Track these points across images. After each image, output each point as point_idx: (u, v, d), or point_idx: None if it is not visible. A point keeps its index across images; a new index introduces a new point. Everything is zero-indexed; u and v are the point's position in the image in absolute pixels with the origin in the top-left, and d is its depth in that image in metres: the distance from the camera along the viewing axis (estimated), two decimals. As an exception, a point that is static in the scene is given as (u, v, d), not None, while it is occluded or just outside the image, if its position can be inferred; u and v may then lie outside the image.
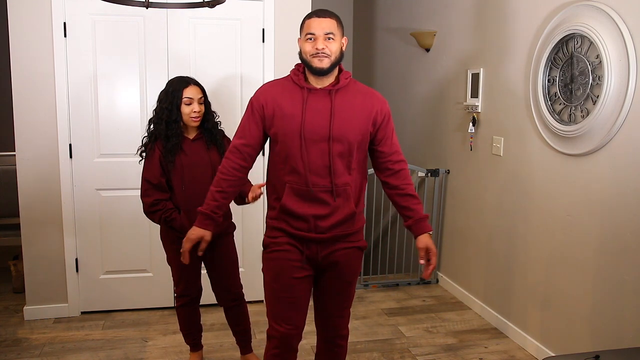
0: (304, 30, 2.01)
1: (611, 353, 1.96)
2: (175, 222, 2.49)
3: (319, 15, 1.99)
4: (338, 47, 2.00)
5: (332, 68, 2.00)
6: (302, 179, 2.02)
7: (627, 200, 2.43)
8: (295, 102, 2.01)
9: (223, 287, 2.69)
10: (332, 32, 1.97)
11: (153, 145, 2.48)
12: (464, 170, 3.78)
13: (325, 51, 1.96)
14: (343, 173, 2.04)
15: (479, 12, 3.52)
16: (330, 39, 1.98)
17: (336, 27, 2.00)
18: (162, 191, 2.48)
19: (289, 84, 2.06)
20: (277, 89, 2.07)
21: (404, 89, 4.73)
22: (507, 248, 3.29)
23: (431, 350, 3.11)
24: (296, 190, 2.04)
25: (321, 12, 2.01)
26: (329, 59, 1.97)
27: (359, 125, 2.03)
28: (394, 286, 4.09)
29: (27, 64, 3.19)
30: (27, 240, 3.35)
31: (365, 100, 2.06)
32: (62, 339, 3.17)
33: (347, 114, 2.02)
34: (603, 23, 2.46)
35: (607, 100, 2.45)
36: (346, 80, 2.06)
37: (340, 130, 2.00)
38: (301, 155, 2.00)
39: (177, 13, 3.31)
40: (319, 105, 2.01)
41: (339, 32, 2.01)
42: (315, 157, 2.00)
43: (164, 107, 2.45)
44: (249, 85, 3.47)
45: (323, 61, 1.97)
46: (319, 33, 1.97)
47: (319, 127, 1.99)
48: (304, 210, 2.04)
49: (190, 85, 2.48)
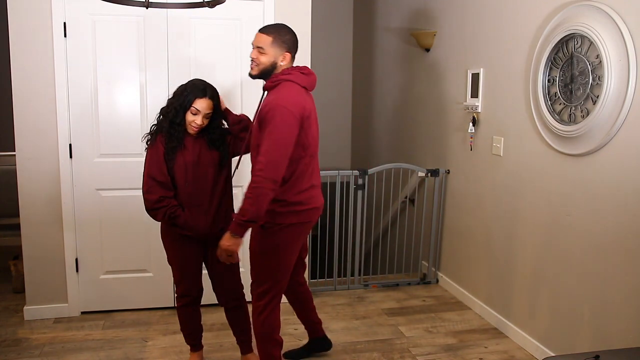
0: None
1: (611, 353, 1.97)
2: (179, 219, 2.49)
3: (260, 31, 2.36)
4: (268, 59, 2.33)
5: (262, 76, 2.38)
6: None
7: (627, 200, 2.43)
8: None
9: (224, 288, 2.69)
10: (263, 46, 2.32)
11: (156, 139, 2.48)
12: (464, 170, 3.78)
13: (254, 61, 2.36)
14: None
15: (479, 12, 3.52)
16: (261, 51, 2.33)
17: (270, 43, 2.32)
18: (166, 188, 2.48)
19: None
20: None
21: (404, 89, 4.74)
22: (507, 248, 3.29)
23: (431, 350, 3.11)
24: None
25: (264, 28, 2.36)
26: (257, 67, 2.36)
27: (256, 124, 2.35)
28: (394, 286, 4.09)
29: (27, 64, 3.19)
30: (27, 240, 3.35)
31: (268, 100, 2.31)
32: (62, 339, 3.17)
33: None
34: (603, 23, 2.46)
35: (607, 100, 2.45)
36: (273, 83, 2.35)
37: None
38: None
39: (177, 13, 3.31)
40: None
41: (273, 48, 2.33)
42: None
43: (173, 106, 2.46)
44: (248, 86, 3.47)
45: (252, 69, 2.38)
46: (254, 44, 2.36)
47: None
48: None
49: (205, 97, 2.46)
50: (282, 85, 2.32)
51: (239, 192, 3.53)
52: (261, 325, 2.47)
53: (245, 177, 3.52)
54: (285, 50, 2.35)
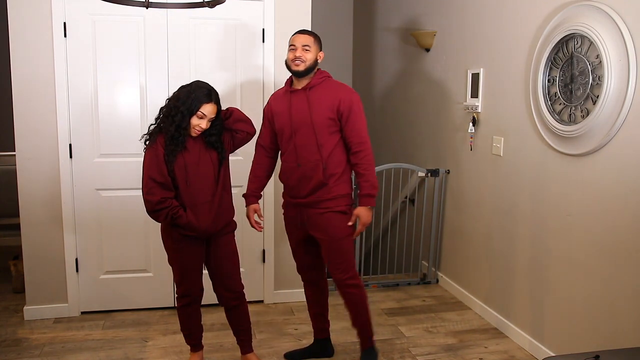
0: (290, 41, 2.63)
1: (611, 353, 1.96)
2: (181, 219, 2.48)
3: (301, 33, 2.63)
4: (313, 57, 2.59)
5: (306, 73, 2.60)
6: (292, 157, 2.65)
7: (627, 200, 2.43)
8: (284, 102, 2.67)
9: (224, 287, 2.69)
10: (309, 44, 2.58)
11: (155, 139, 2.47)
12: (464, 170, 3.78)
13: (301, 59, 2.56)
14: (313, 151, 2.59)
15: (479, 12, 3.52)
16: (306, 48, 2.57)
17: (313, 42, 2.60)
18: (167, 189, 2.47)
19: (282, 91, 2.74)
20: (274, 98, 2.77)
21: (404, 89, 4.73)
22: (507, 248, 3.29)
23: (431, 350, 3.11)
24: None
25: (303, 31, 2.65)
26: (304, 64, 2.57)
27: (324, 111, 2.57)
28: (394, 286, 4.09)
29: (27, 64, 3.19)
30: (27, 240, 3.35)
31: (332, 92, 2.60)
32: (62, 339, 3.18)
33: (317, 104, 2.58)
34: (603, 23, 2.46)
35: (607, 100, 2.45)
36: (320, 79, 2.63)
37: (309, 117, 2.58)
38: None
39: (177, 13, 3.31)
40: (298, 101, 2.62)
41: (315, 46, 2.61)
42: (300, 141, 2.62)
43: (180, 110, 2.43)
44: (248, 85, 3.47)
45: (299, 66, 2.57)
46: (298, 44, 2.58)
47: (298, 116, 2.61)
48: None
49: (211, 102, 2.46)
50: (330, 80, 2.66)
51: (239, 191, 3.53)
52: (367, 299, 2.75)
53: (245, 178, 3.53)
54: (320, 50, 2.66)
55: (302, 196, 2.65)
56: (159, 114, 2.53)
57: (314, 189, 2.61)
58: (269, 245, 3.67)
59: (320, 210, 2.62)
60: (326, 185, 2.60)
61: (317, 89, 2.62)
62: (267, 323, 3.43)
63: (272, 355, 3.02)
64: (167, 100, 2.53)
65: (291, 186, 2.69)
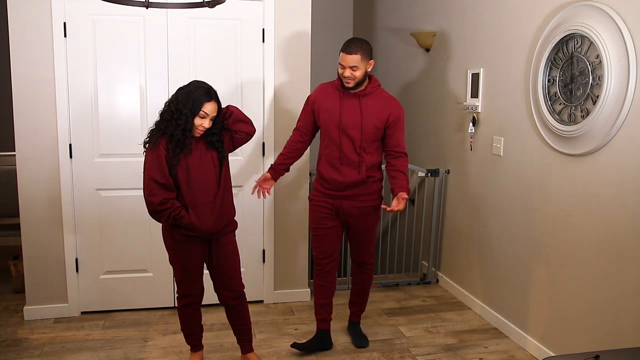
0: (339, 58, 2.78)
1: (611, 353, 1.96)
2: (184, 220, 2.48)
3: (348, 52, 2.73)
4: (362, 72, 2.77)
5: (357, 86, 2.81)
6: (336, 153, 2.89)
7: (627, 200, 2.43)
8: (334, 101, 2.87)
9: (225, 286, 2.69)
10: (356, 64, 2.74)
11: (158, 142, 2.46)
12: (464, 170, 3.78)
13: (350, 77, 2.76)
14: (357, 153, 2.85)
15: (479, 12, 3.52)
16: (354, 69, 2.75)
17: (359, 60, 2.73)
18: (169, 190, 2.46)
19: (332, 88, 2.91)
20: (323, 92, 2.94)
21: (404, 89, 4.74)
22: (507, 248, 3.29)
23: (431, 350, 3.11)
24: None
25: (349, 48, 2.73)
26: (353, 81, 2.78)
27: (374, 120, 2.82)
28: (394, 286, 4.09)
29: (27, 64, 3.19)
30: (27, 240, 3.35)
31: (383, 104, 2.84)
32: (62, 339, 3.18)
33: (368, 112, 2.82)
34: (603, 23, 2.46)
35: (607, 100, 2.45)
36: (372, 88, 2.85)
37: (360, 122, 2.82)
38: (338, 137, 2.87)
39: (177, 13, 3.31)
40: (350, 104, 2.84)
41: (363, 62, 2.75)
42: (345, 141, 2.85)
43: (183, 113, 2.42)
44: (249, 85, 3.47)
45: (349, 83, 2.79)
46: (346, 65, 2.75)
47: (349, 119, 2.83)
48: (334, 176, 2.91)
49: (211, 101, 2.46)
50: (381, 90, 2.89)
51: (239, 191, 3.54)
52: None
53: (245, 178, 3.53)
54: (370, 59, 2.80)
55: (341, 189, 2.89)
56: (160, 118, 2.51)
57: (354, 185, 2.87)
58: (269, 245, 3.67)
59: (359, 203, 2.91)
60: (365, 183, 2.88)
61: (370, 97, 2.84)
62: (267, 323, 3.43)
63: (272, 355, 3.03)
64: (167, 104, 2.50)
65: (331, 180, 2.89)
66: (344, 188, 2.88)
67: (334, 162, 2.87)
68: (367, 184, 2.89)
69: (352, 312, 3.24)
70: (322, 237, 2.98)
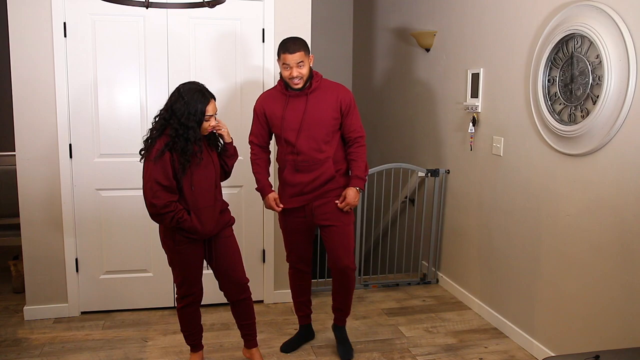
0: (280, 60, 2.70)
1: (611, 353, 1.96)
2: (186, 223, 2.48)
3: (291, 52, 2.65)
4: (307, 68, 2.71)
5: (306, 84, 2.74)
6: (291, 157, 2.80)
7: (627, 200, 2.43)
8: (284, 105, 2.78)
9: (231, 280, 2.69)
10: (302, 60, 2.67)
11: (163, 153, 2.42)
12: (464, 170, 3.78)
13: (298, 76, 2.69)
14: (320, 150, 2.76)
15: (479, 12, 3.52)
16: (301, 65, 2.67)
17: (304, 56, 2.68)
18: (172, 192, 2.46)
19: (277, 93, 2.83)
20: (269, 99, 2.85)
21: (404, 89, 4.74)
22: (507, 248, 3.29)
23: (431, 350, 3.11)
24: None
25: (291, 47, 2.66)
26: (302, 80, 2.71)
27: (330, 112, 2.76)
28: (394, 286, 4.09)
29: (27, 64, 3.19)
30: (27, 240, 3.35)
31: (332, 94, 2.78)
32: (62, 339, 3.18)
33: (322, 106, 2.75)
34: (603, 23, 2.46)
35: (607, 100, 2.45)
36: (318, 82, 2.78)
37: (317, 118, 2.74)
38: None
39: (177, 13, 3.31)
40: (301, 105, 2.76)
41: (306, 57, 2.70)
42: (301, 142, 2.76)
43: (190, 127, 2.40)
44: (248, 85, 3.47)
45: (298, 84, 2.71)
46: (292, 64, 2.66)
47: (307, 119, 2.75)
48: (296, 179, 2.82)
49: (210, 101, 2.47)
50: (325, 81, 2.82)
51: (239, 191, 3.53)
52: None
53: (244, 178, 3.53)
54: (309, 53, 2.75)
55: (309, 191, 2.81)
56: (159, 126, 2.47)
57: (323, 183, 2.80)
58: (269, 245, 3.67)
59: (328, 199, 2.83)
60: (334, 178, 2.82)
61: (318, 91, 2.78)
62: (267, 323, 3.43)
63: (272, 355, 3.03)
64: (167, 121, 2.44)
65: (295, 183, 2.80)
66: (312, 189, 2.80)
67: (298, 165, 2.78)
68: (335, 179, 2.82)
69: (337, 317, 3.09)
70: (298, 241, 2.95)
